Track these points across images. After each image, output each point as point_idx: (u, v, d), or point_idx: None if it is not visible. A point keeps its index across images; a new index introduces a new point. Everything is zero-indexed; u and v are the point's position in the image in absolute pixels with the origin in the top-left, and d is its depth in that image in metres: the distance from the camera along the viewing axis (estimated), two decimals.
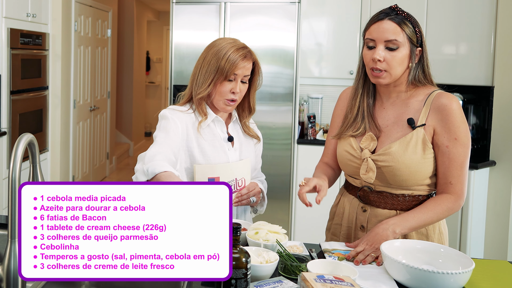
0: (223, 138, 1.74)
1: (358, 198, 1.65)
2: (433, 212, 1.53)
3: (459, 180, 1.54)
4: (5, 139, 3.78)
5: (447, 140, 1.52)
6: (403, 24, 1.53)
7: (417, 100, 1.59)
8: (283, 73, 3.74)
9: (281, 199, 3.80)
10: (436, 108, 1.54)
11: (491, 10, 3.30)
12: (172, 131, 1.63)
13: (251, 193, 1.72)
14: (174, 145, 1.62)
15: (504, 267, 1.46)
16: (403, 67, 1.56)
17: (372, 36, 1.56)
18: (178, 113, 1.68)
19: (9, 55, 3.77)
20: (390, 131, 1.60)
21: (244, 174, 1.75)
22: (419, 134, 1.54)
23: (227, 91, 1.67)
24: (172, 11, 3.83)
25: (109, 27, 6.05)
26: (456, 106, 1.53)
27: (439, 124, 1.53)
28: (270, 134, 3.73)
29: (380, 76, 1.55)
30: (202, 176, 1.67)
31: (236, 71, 1.66)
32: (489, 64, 3.31)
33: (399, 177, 1.55)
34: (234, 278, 1.14)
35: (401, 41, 1.52)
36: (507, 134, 3.23)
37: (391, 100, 1.63)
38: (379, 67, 1.54)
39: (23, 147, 1.14)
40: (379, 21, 1.55)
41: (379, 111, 1.64)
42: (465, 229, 3.22)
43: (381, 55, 1.53)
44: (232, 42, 1.70)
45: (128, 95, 7.30)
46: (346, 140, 1.65)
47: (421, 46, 1.57)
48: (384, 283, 1.31)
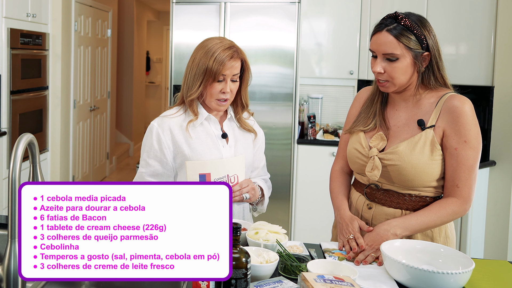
0: (216, 135, 1.75)
1: (365, 195, 1.65)
2: (437, 216, 1.52)
3: (467, 184, 1.51)
4: (5, 139, 3.78)
5: (456, 142, 1.51)
6: (400, 36, 1.50)
7: (429, 102, 1.58)
8: (283, 73, 3.74)
9: (281, 199, 3.80)
10: (447, 109, 1.53)
11: (491, 10, 3.30)
12: (153, 148, 1.73)
13: (244, 190, 1.72)
14: (161, 156, 1.73)
15: (504, 267, 1.46)
16: (407, 75, 1.55)
17: (372, 48, 1.57)
18: (165, 121, 1.74)
19: (9, 55, 3.77)
20: (399, 131, 1.60)
21: (237, 170, 1.75)
22: (428, 135, 1.53)
23: (217, 91, 1.69)
24: (172, 11, 3.83)
25: (109, 27, 6.05)
26: (468, 108, 1.51)
27: (449, 125, 1.52)
28: (270, 134, 3.73)
29: (384, 85, 1.57)
30: (193, 172, 1.68)
31: (224, 72, 1.67)
32: (489, 64, 3.31)
33: (404, 176, 1.54)
34: (234, 278, 1.14)
35: (398, 53, 1.51)
36: (507, 134, 3.23)
37: (403, 103, 1.63)
38: (381, 78, 1.56)
39: (23, 147, 1.14)
40: (378, 33, 1.55)
41: (391, 111, 1.65)
42: (465, 229, 3.22)
43: (380, 68, 1.54)
44: (219, 42, 1.70)
45: (128, 95, 7.30)
46: (356, 137, 1.66)
47: (428, 50, 1.54)
48: (384, 283, 1.31)
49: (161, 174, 1.74)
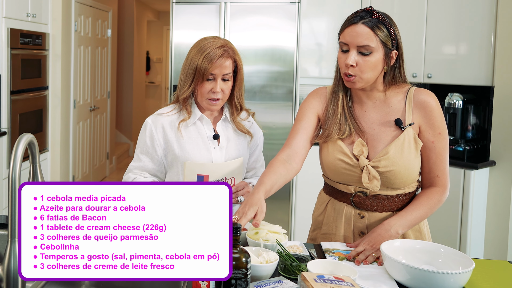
0: (208, 136, 1.75)
1: (353, 205, 1.62)
2: (427, 207, 1.56)
3: (444, 172, 1.57)
4: (5, 139, 3.78)
5: (432, 135, 1.55)
6: (376, 28, 1.49)
7: (397, 99, 1.59)
8: (283, 73, 3.74)
9: (281, 199, 3.80)
10: (418, 105, 1.56)
11: (491, 10, 3.30)
12: (146, 144, 1.76)
13: (240, 193, 1.72)
14: (152, 153, 1.76)
15: (504, 267, 1.46)
16: (376, 72, 1.54)
17: (345, 40, 1.54)
18: (158, 119, 1.76)
19: (9, 55, 3.77)
20: (378, 134, 1.58)
21: (234, 173, 1.75)
22: (410, 134, 1.55)
23: (207, 91, 1.69)
24: (172, 11, 3.83)
25: (109, 27, 6.05)
26: (435, 102, 1.56)
27: (423, 121, 1.56)
28: (270, 134, 3.73)
29: (352, 81, 1.54)
30: (191, 173, 1.69)
31: (213, 71, 1.66)
32: (489, 64, 3.31)
33: (399, 179, 1.55)
34: (234, 278, 1.14)
35: (374, 46, 1.50)
36: (507, 134, 3.23)
37: (370, 103, 1.61)
38: (351, 72, 1.52)
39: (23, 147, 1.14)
40: (352, 25, 1.52)
41: (360, 113, 1.62)
42: (465, 229, 3.22)
43: (353, 60, 1.51)
44: (211, 41, 1.70)
45: (128, 95, 7.30)
46: (335, 146, 1.60)
47: (397, 49, 1.54)
48: (384, 283, 1.31)
49: (149, 169, 1.77)
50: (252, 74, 3.74)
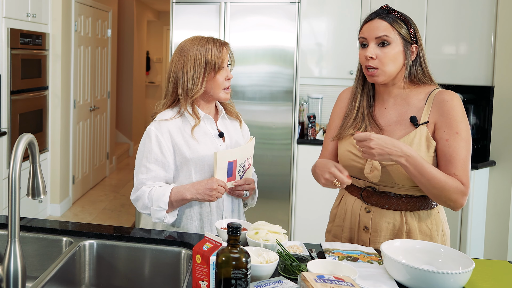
0: (214, 135, 1.78)
1: (361, 199, 1.64)
2: (445, 177, 1.47)
3: (464, 173, 1.49)
4: (5, 139, 3.78)
5: (447, 134, 1.51)
6: (394, 22, 1.55)
7: (418, 98, 1.59)
8: (283, 73, 3.74)
9: (281, 199, 3.80)
10: (437, 104, 1.54)
11: (491, 10, 3.30)
12: (153, 151, 1.73)
13: (246, 187, 1.76)
14: (162, 159, 1.74)
15: (504, 267, 1.46)
16: (398, 65, 1.56)
17: (364, 35, 1.59)
18: (162, 124, 1.74)
19: (9, 55, 3.77)
20: (392, 130, 1.59)
21: (251, 153, 1.82)
22: (423, 132, 1.54)
23: (223, 80, 1.74)
24: (172, 11, 3.83)
25: (109, 27, 6.05)
26: (457, 101, 1.53)
27: (440, 119, 1.53)
28: (270, 134, 3.73)
29: (374, 74, 1.56)
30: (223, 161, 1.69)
31: (223, 60, 1.73)
32: (489, 64, 3.31)
33: (404, 175, 1.54)
34: (234, 278, 1.14)
35: (392, 37, 1.54)
36: (507, 134, 3.23)
37: (392, 100, 1.63)
38: (371, 65, 1.55)
39: (23, 147, 1.14)
40: (370, 21, 1.59)
41: (380, 111, 1.64)
42: (465, 229, 3.22)
43: (373, 52, 1.55)
44: (203, 39, 1.77)
45: (128, 95, 7.30)
46: (348, 140, 1.65)
47: (416, 43, 1.58)
48: (384, 283, 1.31)
49: (162, 178, 1.75)
50: (252, 74, 3.74)
